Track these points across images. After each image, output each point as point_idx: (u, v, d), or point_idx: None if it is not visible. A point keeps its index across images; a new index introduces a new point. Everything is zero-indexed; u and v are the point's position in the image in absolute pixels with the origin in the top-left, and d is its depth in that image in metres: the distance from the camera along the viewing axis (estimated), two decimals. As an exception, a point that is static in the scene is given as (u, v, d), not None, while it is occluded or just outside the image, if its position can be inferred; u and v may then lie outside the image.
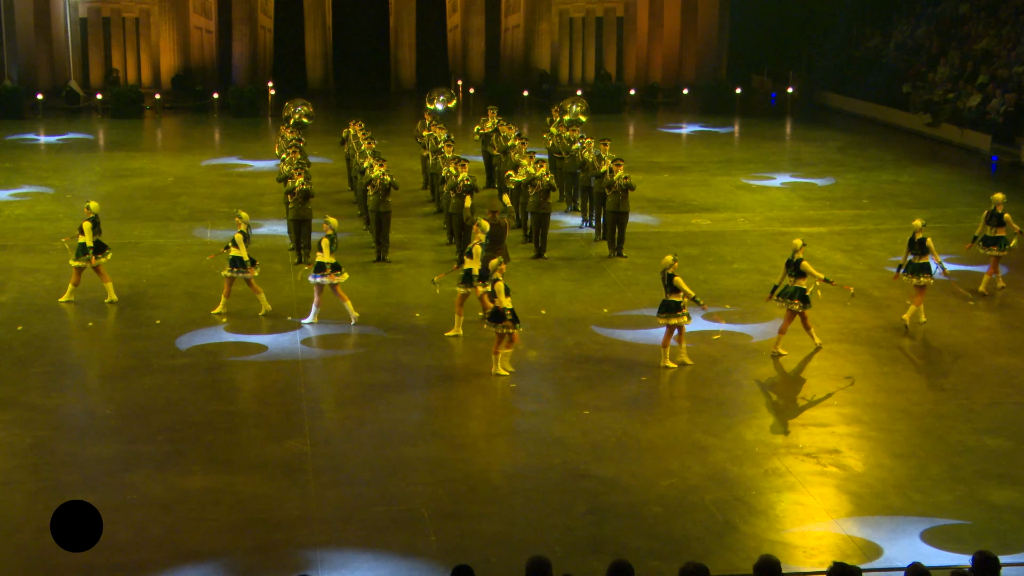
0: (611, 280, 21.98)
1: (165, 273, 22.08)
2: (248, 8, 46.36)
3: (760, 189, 30.37)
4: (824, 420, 15.59)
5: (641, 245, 24.29)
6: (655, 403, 16.25)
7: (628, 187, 23.21)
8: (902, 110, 40.16)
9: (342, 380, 17.04)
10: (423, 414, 15.92)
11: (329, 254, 19.37)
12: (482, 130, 29.36)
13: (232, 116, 42.16)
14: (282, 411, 15.84)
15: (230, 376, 17.16)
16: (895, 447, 14.79)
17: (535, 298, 20.79)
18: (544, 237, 23.50)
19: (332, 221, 19.88)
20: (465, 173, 23.13)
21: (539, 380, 17.18)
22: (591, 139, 26.15)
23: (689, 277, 21.96)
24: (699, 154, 35.76)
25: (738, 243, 24.71)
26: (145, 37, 45.34)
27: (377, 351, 18.13)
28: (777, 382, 16.98)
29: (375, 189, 22.95)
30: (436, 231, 25.40)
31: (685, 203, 28.52)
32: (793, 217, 27.08)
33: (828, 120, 42.28)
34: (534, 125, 38.89)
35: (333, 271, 19.44)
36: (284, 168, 24.09)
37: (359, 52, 49.85)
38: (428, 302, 20.41)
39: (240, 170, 32.68)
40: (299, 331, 18.85)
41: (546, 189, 23.23)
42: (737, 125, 41.89)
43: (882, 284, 21.34)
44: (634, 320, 19.63)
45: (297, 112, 31.52)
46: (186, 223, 26.26)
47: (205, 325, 19.17)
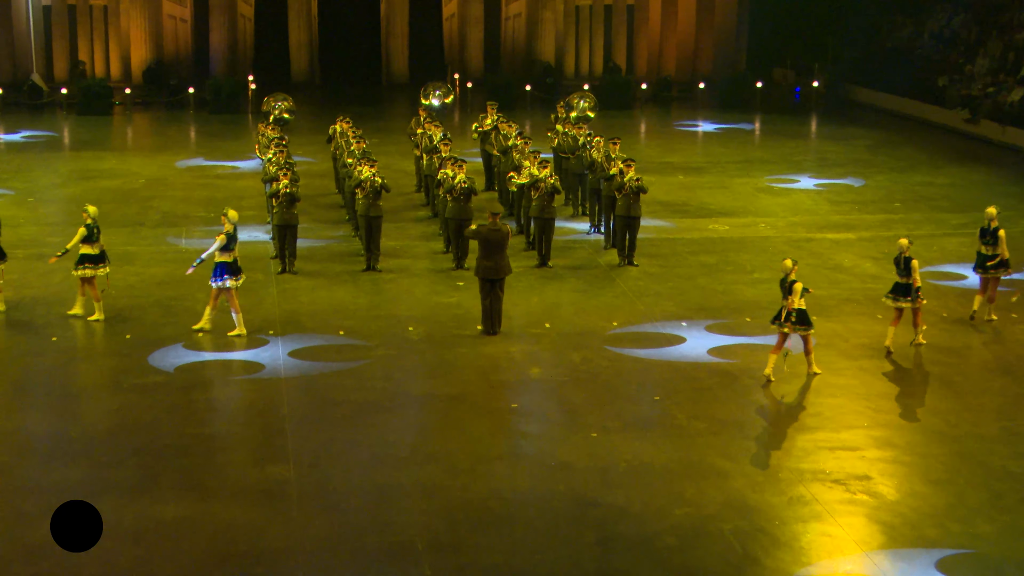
0: (621, 291, 22.00)
1: (136, 284, 22.10)
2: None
3: (783, 192, 30.40)
4: (853, 443, 15.59)
5: (654, 253, 24.31)
6: (669, 424, 16.25)
7: (640, 190, 23.24)
8: (937, 105, 40.21)
9: (329, 399, 17.05)
10: (417, 436, 15.92)
11: (226, 254, 19.19)
12: (481, 128, 29.39)
13: (209, 112, 42.20)
14: (263, 433, 15.84)
15: (207, 395, 17.16)
16: (931, 473, 14.79)
17: (538, 311, 20.80)
18: (548, 244, 23.52)
19: (232, 214, 19.63)
20: (463, 175, 23.17)
21: (543, 399, 17.18)
22: (600, 137, 26.19)
23: (706, 288, 22.03)
24: (716, 154, 35.80)
25: (759, 250, 24.74)
26: (114, 26, 45.40)
27: (367, 368, 18.14)
28: (802, 402, 16.99)
29: (365, 192, 22.98)
30: (431, 237, 25.43)
31: (702, 207, 28.55)
32: (819, 222, 27.11)
33: (856, 117, 42.32)
34: (537, 122, 38.94)
35: (229, 274, 19.27)
36: (271, 169, 24.13)
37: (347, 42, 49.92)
38: (422, 314, 20.42)
39: (218, 171, 32.72)
40: (282, 347, 18.86)
41: (550, 192, 23.26)
42: (758, 122, 41.93)
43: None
44: (646, 335, 19.64)
45: (277, 108, 31.56)
46: (159, 229, 26.29)
47: (180, 340, 19.18)
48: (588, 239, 25.49)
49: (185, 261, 23.43)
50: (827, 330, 19.60)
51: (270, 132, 28.09)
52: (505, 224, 19.90)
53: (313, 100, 44.82)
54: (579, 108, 31.60)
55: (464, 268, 22.86)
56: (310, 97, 45.01)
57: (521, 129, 28.52)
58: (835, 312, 20.69)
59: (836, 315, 20.54)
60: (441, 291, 21.87)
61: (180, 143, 37.80)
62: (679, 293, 21.87)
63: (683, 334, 19.63)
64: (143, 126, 41.17)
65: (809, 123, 42.43)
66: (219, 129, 39.55)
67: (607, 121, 37.27)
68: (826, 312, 20.62)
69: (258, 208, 27.64)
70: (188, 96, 43.06)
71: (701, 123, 41.54)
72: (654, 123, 42.36)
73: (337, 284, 22.24)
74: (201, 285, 21.64)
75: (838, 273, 23.11)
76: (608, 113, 39.53)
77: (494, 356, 18.62)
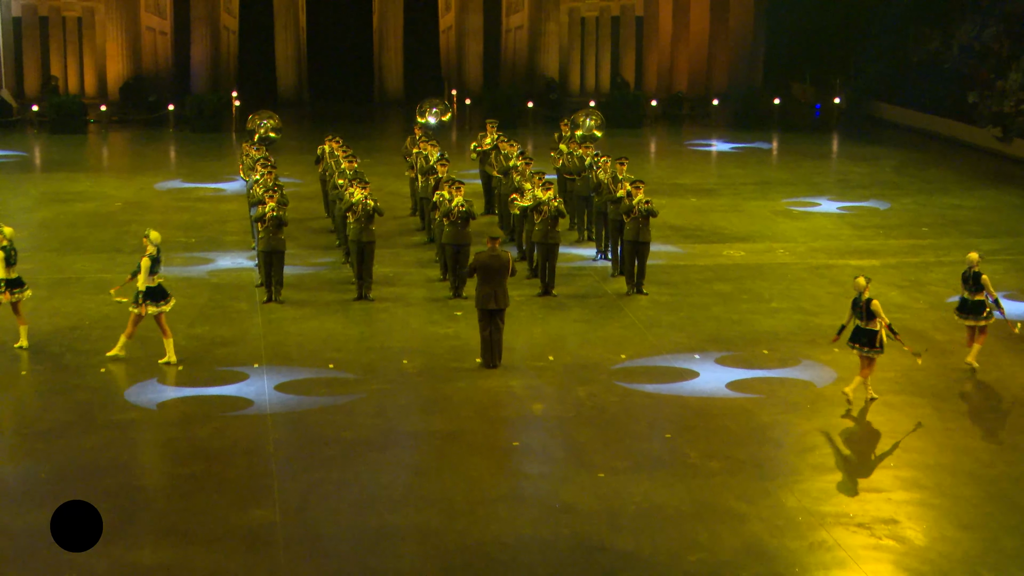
0: (630, 321, 22.01)
1: (112, 313, 22.09)
2: (208, 6, 46.64)
3: (802, 215, 30.44)
4: (879, 485, 15.57)
5: (664, 280, 24.33)
6: (681, 464, 16.24)
7: (649, 213, 23.28)
8: (967, 123, 40.30)
9: (317, 436, 17.03)
10: (412, 476, 15.91)
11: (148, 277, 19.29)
12: (480, 147, 29.46)
13: (191, 131, 42.31)
14: (247, 473, 15.83)
15: (187, 433, 17.15)
16: (962, 516, 14.77)
17: (541, 342, 20.80)
18: (552, 271, 23.54)
19: (154, 235, 19.68)
20: (460, 197, 23.21)
21: (546, 437, 17.17)
22: (607, 158, 26.25)
23: (721, 318, 22.04)
24: (731, 175, 35.85)
25: (777, 278, 24.76)
26: (89, 39, 45.58)
27: (358, 403, 18.14)
28: (824, 440, 16.97)
29: (356, 216, 23.02)
30: (427, 264, 25.46)
31: (715, 232, 28.58)
32: (841, 248, 27.14)
33: (881, 135, 42.40)
34: (540, 142, 39.03)
35: (154, 300, 19.35)
36: (256, 191, 24.18)
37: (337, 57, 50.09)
38: (417, 346, 20.42)
39: (200, 194, 32.77)
40: (267, 381, 18.86)
41: (554, 216, 23.30)
42: (775, 141, 42.01)
43: (945, 326, 21.34)
44: (657, 368, 19.64)
45: (263, 126, 31.64)
46: (136, 255, 26.12)
47: (157, 374, 19.18)
48: (594, 266, 25.50)
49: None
50: (850, 363, 19.57)
51: (255, 152, 28.15)
52: (505, 250, 19.90)
53: (301, 118, 44.94)
54: (585, 126, 31.67)
55: (462, 297, 22.88)
56: (298, 115, 45.13)
57: (523, 149, 28.59)
58: (859, 344, 20.68)
59: (860, 347, 20.52)
60: (437, 321, 21.88)
61: (159, 164, 37.87)
62: (691, 324, 21.87)
63: (696, 367, 19.63)
64: (120, 145, 41.26)
65: (830, 142, 42.51)
66: (201, 149, 39.63)
67: (614, 140, 37.35)
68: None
69: (242, 233, 27.68)
70: (168, 113, 43.17)
71: (715, 142, 41.62)
72: (665, 142, 42.43)
73: (327, 314, 22.25)
74: (181, 317, 21.68)
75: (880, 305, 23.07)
76: (616, 131, 39.61)
77: (494, 391, 18.62)
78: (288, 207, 24.05)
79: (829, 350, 20.07)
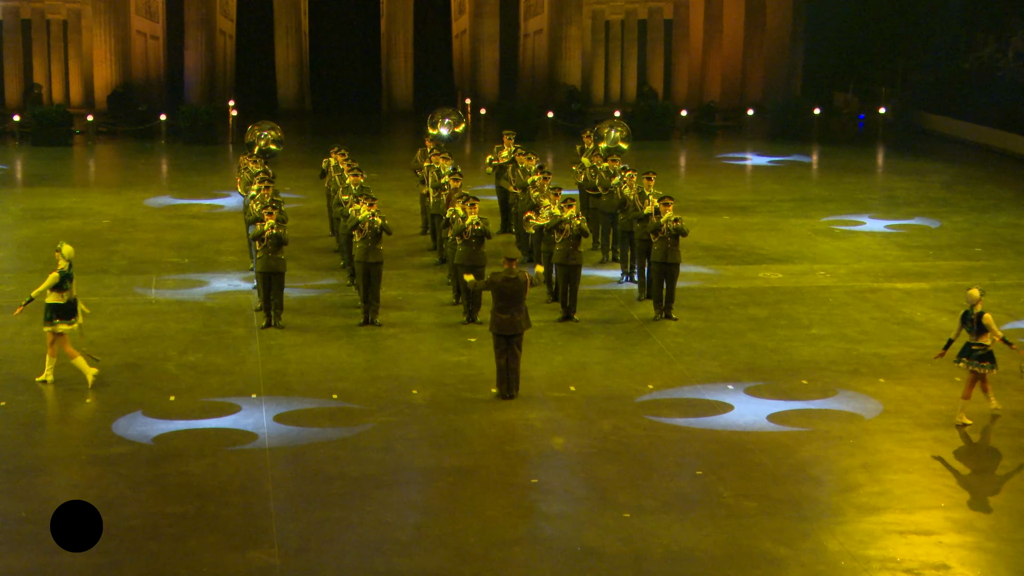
0: (657, 349, 21.99)
1: (98, 339, 22.14)
2: (204, 9, 46.84)
3: (845, 235, 30.41)
4: (928, 526, 15.51)
5: (695, 304, 24.32)
6: (713, 503, 16.20)
7: (679, 232, 23.28)
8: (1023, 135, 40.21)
9: (320, 473, 17.03)
10: (421, 516, 15.89)
11: (58, 294, 19.34)
12: (496, 161, 29.51)
13: (184, 143, 42.45)
14: (244, 512, 15.82)
15: (179, 468, 17.16)
16: (1019, 561, 14.70)
17: (562, 371, 20.79)
18: (574, 295, 23.54)
19: (66, 250, 19.84)
20: (475, 215, 23.23)
21: (567, 474, 17.15)
22: (633, 172, 26.26)
23: (756, 346, 22.02)
24: (768, 191, 35.84)
25: (817, 302, 24.73)
26: (75, 44, 45.79)
27: (364, 437, 18.13)
28: (868, 478, 16.92)
29: (363, 234, 23.05)
30: (438, 287, 25.48)
31: (750, 252, 28.57)
32: (887, 270, 27.10)
33: (930, 148, 42.35)
34: (561, 155, 39.06)
35: (61, 317, 19.45)
36: (254, 208, 24.24)
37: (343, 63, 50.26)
38: (428, 376, 20.43)
39: (194, 211, 32.86)
40: (266, 412, 18.88)
41: (576, 235, 23.31)
42: (815, 154, 41.98)
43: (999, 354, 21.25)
44: (687, 400, 19.61)
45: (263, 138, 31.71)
46: (125, 277, 26.39)
47: (149, 405, 19.20)
48: (619, 289, 25.50)
49: (155, 313, 23.59)
50: (897, 395, 19.56)
51: (254, 166, 28.22)
52: (523, 271, 19.90)
53: (303, 129, 45.06)
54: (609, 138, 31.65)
55: (476, 322, 22.89)
56: (300, 126, 45.25)
57: (542, 163, 28.60)
58: (906, 374, 20.65)
59: (907, 377, 20.49)
60: (450, 348, 21.89)
61: (150, 178, 38.00)
62: (725, 351, 21.85)
63: (729, 399, 19.60)
64: (107, 158, 41.40)
65: (875, 156, 42.48)
66: (195, 162, 39.75)
67: (641, 153, 37.36)
68: (895, 373, 20.58)
69: (239, 253, 27.74)
70: (159, 124, 43.32)
71: (750, 156, 41.61)
72: (696, 155, 42.44)
73: (330, 340, 22.28)
74: (173, 343, 21.73)
75: (909, 329, 23.08)
76: (643, 144, 39.63)
77: (511, 424, 18.61)
78: (288, 224, 24.10)
79: (874, 380, 20.04)
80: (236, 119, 43.29)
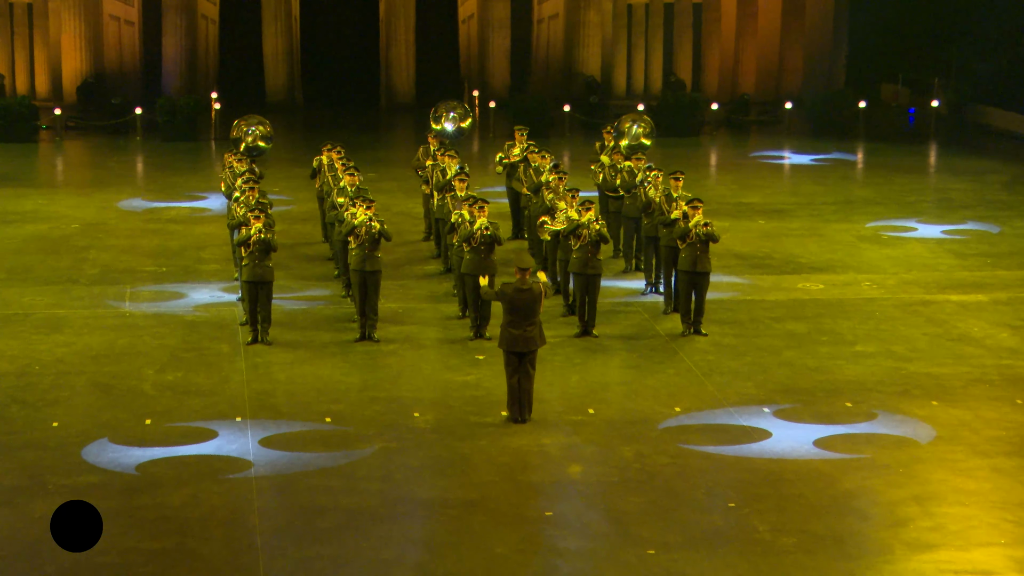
0: (685, 367, 21.99)
1: (66, 357, 22.18)
2: (184, -9, 46.94)
3: (893, 241, 30.39)
4: (987, 566, 15.48)
5: (727, 319, 24.31)
6: (747, 539, 16.19)
7: (709, 238, 23.28)
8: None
9: (311, 505, 17.03)
10: (424, 552, 15.89)
11: None
12: (507, 159, 29.53)
13: (162, 139, 42.50)
14: (228, 548, 15.83)
15: (156, 500, 17.16)
16: (1086, 603, 14.69)
17: (580, 392, 20.79)
18: (593, 307, 23.54)
19: None
20: (483, 219, 23.24)
21: (585, 506, 17.14)
22: (658, 171, 26.27)
23: (795, 364, 22.00)
24: (807, 192, 35.82)
25: (863, 316, 24.71)
26: (41, 30, 45.91)
27: (360, 465, 18.13)
28: (919, 511, 16.89)
29: (359, 241, 23.08)
30: (442, 299, 25.49)
31: (788, 260, 28.56)
32: (940, 280, 27.07)
33: (988, 146, 42.31)
34: (578, 153, 39.08)
35: None
36: (239, 211, 24.26)
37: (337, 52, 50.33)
38: (431, 397, 20.43)
39: (172, 214, 32.89)
40: (252, 437, 18.88)
41: (595, 241, 23.31)
42: (861, 152, 41.96)
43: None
44: (718, 424, 19.60)
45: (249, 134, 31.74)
46: (96, 287, 26.41)
47: (121, 429, 19.21)
48: (643, 301, 25.51)
49: (130, 328, 23.61)
50: (952, 418, 19.52)
51: (239, 165, 28.26)
52: (536, 281, 19.91)
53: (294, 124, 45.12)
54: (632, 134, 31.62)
55: (485, 337, 22.90)
56: (290, 120, 45.31)
57: (557, 161, 28.61)
58: (962, 396, 20.61)
59: (963, 400, 20.45)
60: (455, 367, 21.90)
61: (124, 178, 38.03)
62: (760, 370, 21.84)
63: (765, 424, 19.59)
64: (77, 156, 41.47)
65: (927, 153, 42.43)
66: (174, 161, 39.79)
67: (668, 151, 37.38)
68: (950, 395, 20.54)
69: (223, 261, 27.76)
70: (135, 118, 43.37)
71: (788, 153, 41.58)
72: (728, 153, 42.42)
73: (323, 358, 22.29)
74: (150, 361, 21.76)
75: (965, 345, 23.05)
76: (669, 141, 39.66)
77: (523, 450, 18.61)
78: (277, 229, 24.12)
79: (926, 403, 20.00)
80: (220, 113, 43.31)
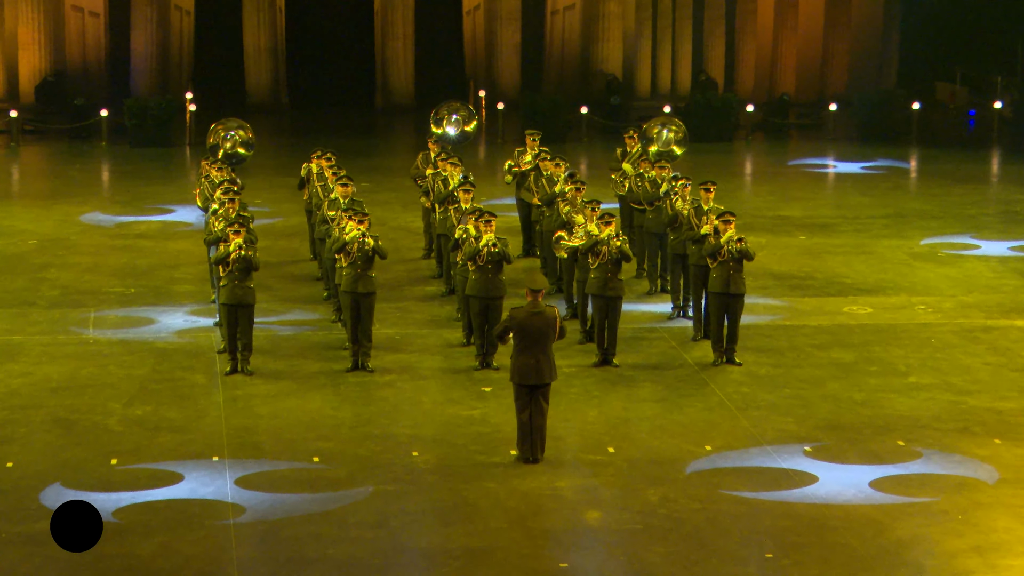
0: (716, 401, 21.97)
1: (22, 388, 22.20)
2: (156, -20, 47.05)
3: (951, 260, 30.38)
4: (1056, 623, 15.48)
5: (764, 346, 24.30)
6: (788, 594, 16.20)
7: (743, 255, 23.28)
8: None
9: (296, 555, 17.04)
10: (423, 610, 15.91)
11: None
12: (517, 167, 29.55)
13: (130, 145, 42.57)
14: (203, 604, 15.85)
15: (123, 549, 17.17)
16: None
17: (599, 428, 20.78)
18: (613, 334, 23.54)
19: None
20: (491, 234, 23.25)
21: (605, 556, 17.13)
22: (686, 181, 26.26)
23: (840, 397, 21.99)
24: (854, 204, 35.83)
25: (918, 343, 24.69)
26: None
27: (352, 510, 18.13)
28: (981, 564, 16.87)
29: (351, 259, 23.09)
30: (444, 324, 25.50)
31: (832, 281, 28.55)
32: (1003, 303, 27.05)
33: (1057, 152, 42.34)
34: (597, 160, 39.10)
35: None
36: (217, 225, 24.28)
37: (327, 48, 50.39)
38: (432, 434, 20.43)
39: (141, 228, 32.93)
40: (230, 479, 18.86)
41: (615, 259, 23.31)
42: (914, 160, 41.98)
43: None
44: (753, 466, 19.58)
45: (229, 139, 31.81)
46: (56, 311, 26.44)
47: (84, 470, 19.21)
48: (670, 326, 25.51)
49: (94, 356, 23.62)
50: (1017, 459, 19.49)
51: (217, 174, 28.28)
52: (551, 306, 19.91)
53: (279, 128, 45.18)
54: (661, 140, 31.67)
55: (492, 367, 22.90)
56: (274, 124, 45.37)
57: (573, 170, 28.63)
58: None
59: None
60: (459, 400, 21.90)
61: (88, 188, 38.10)
62: (801, 404, 21.82)
63: (806, 465, 19.56)
64: (35, 164, 41.54)
65: (989, 160, 42.44)
66: (144, 169, 39.86)
67: (697, 158, 37.40)
68: (1015, 432, 20.51)
69: (199, 281, 27.78)
70: (100, 121, 43.43)
71: (832, 161, 41.60)
72: (764, 161, 42.46)
73: (310, 389, 22.30)
74: (117, 393, 21.76)
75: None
76: (699, 147, 39.66)
77: (535, 494, 18.60)
78: (259, 246, 24.15)
79: (988, 441, 19.97)
80: (195, 116, 43.40)
